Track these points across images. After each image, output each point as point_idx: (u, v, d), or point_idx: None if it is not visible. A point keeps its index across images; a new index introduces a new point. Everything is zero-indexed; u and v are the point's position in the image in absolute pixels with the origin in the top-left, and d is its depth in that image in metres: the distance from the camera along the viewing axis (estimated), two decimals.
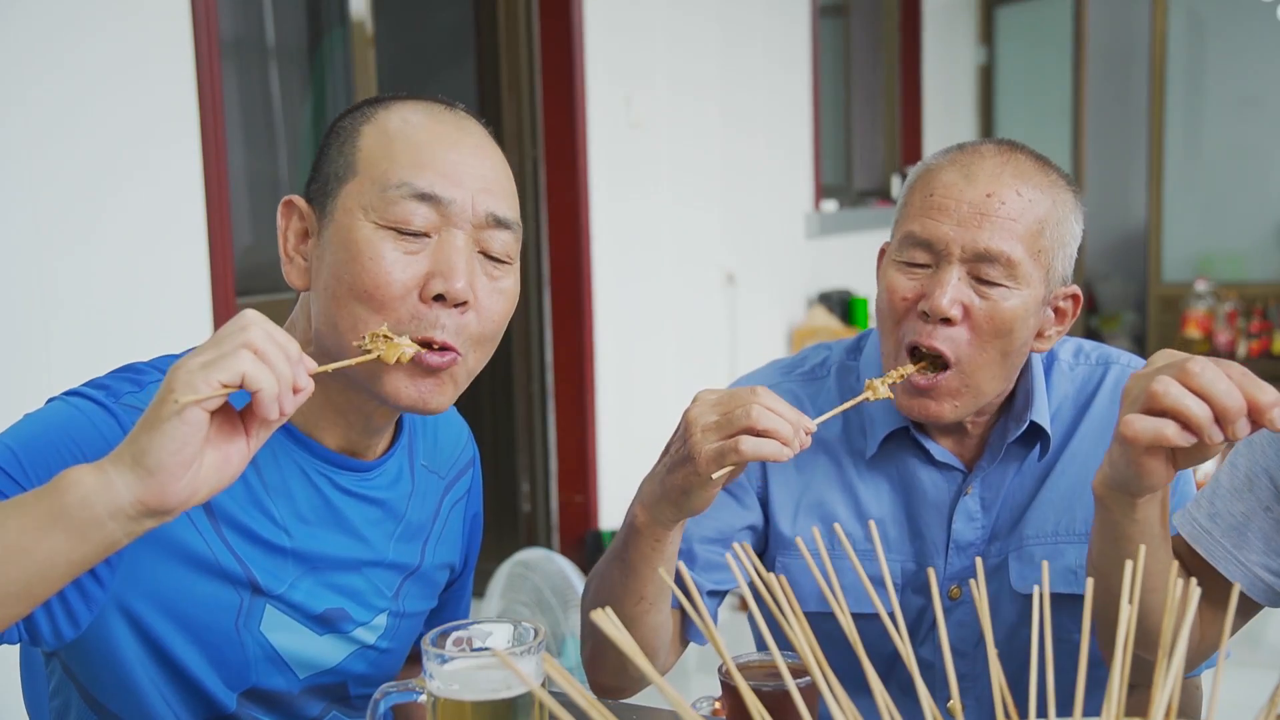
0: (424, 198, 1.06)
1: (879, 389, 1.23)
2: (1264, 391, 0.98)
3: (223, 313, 2.40)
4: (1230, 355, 6.40)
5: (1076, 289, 1.32)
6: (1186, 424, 0.98)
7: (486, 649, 1.02)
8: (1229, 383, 0.98)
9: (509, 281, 1.13)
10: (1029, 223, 1.24)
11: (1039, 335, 1.30)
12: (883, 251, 1.35)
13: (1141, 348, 7.12)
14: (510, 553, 2.96)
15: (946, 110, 7.02)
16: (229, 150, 2.47)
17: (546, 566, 2.55)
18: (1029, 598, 1.31)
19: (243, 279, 2.65)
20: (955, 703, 0.83)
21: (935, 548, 1.35)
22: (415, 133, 1.09)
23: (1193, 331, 6.47)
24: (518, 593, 2.58)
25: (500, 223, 1.10)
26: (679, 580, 1.33)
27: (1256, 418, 0.98)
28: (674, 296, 4.33)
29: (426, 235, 1.07)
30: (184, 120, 2.36)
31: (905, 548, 1.37)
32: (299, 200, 1.13)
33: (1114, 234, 7.86)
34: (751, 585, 1.13)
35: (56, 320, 2.12)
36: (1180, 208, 6.69)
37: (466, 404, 4.52)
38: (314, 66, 3.37)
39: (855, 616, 0.91)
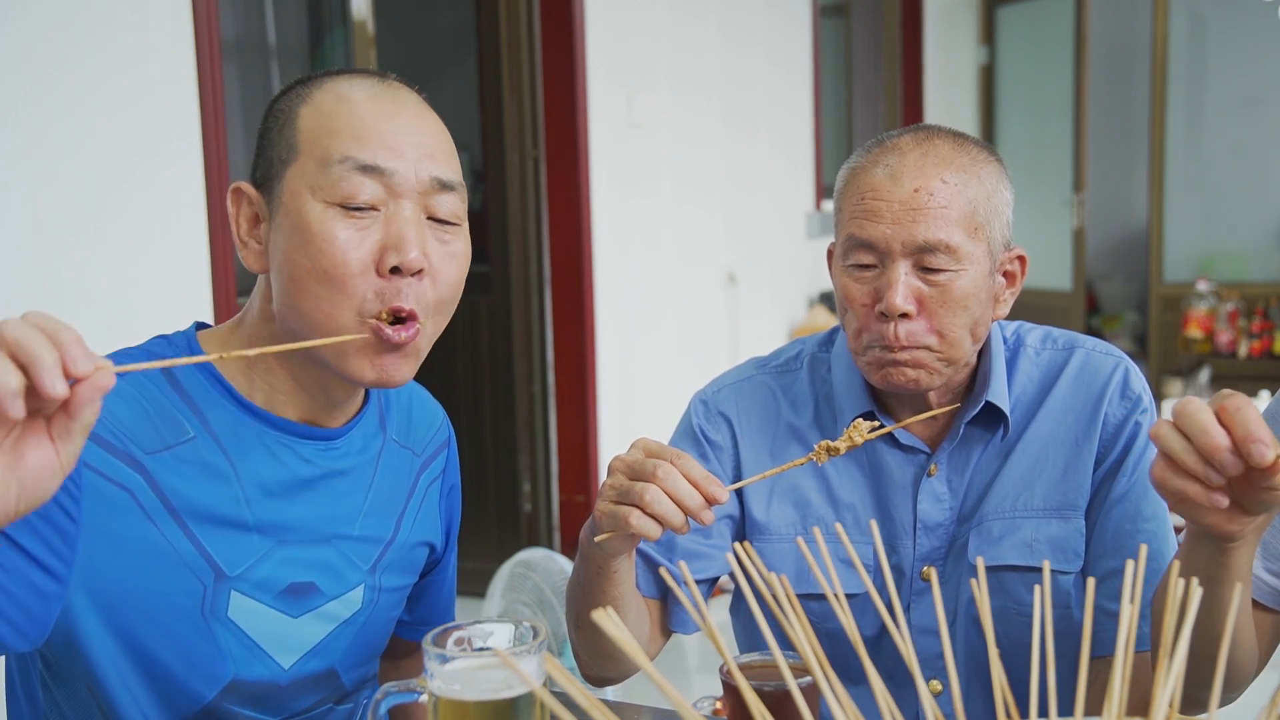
0: (368, 170, 1.07)
1: (823, 455, 1.23)
2: (1245, 426, 0.94)
3: (223, 311, 2.40)
4: (1231, 355, 6.40)
5: (1020, 250, 1.37)
6: (1178, 466, 0.97)
7: (488, 649, 1.03)
8: (1208, 422, 0.95)
9: (460, 244, 1.14)
10: (960, 206, 1.28)
11: (995, 300, 1.35)
12: (831, 252, 1.38)
13: (1143, 347, 7.12)
14: (511, 553, 2.96)
15: (948, 110, 7.02)
16: (230, 150, 2.47)
17: (548, 566, 2.55)
18: (987, 570, 1.34)
19: (243, 277, 2.65)
20: (952, 680, 0.83)
21: (904, 528, 1.39)
22: (352, 107, 1.10)
23: (1194, 331, 6.47)
24: (519, 593, 2.58)
25: (445, 186, 1.11)
26: (675, 575, 1.34)
27: (1239, 449, 0.94)
28: (675, 296, 4.34)
29: (374, 209, 1.08)
30: (185, 120, 2.36)
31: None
32: (246, 187, 1.13)
33: (1115, 234, 7.86)
34: (752, 585, 1.13)
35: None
36: (1181, 208, 6.68)
37: (468, 403, 4.50)
38: (315, 66, 3.37)
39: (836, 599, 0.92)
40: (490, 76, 3.86)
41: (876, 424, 1.26)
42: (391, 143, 1.09)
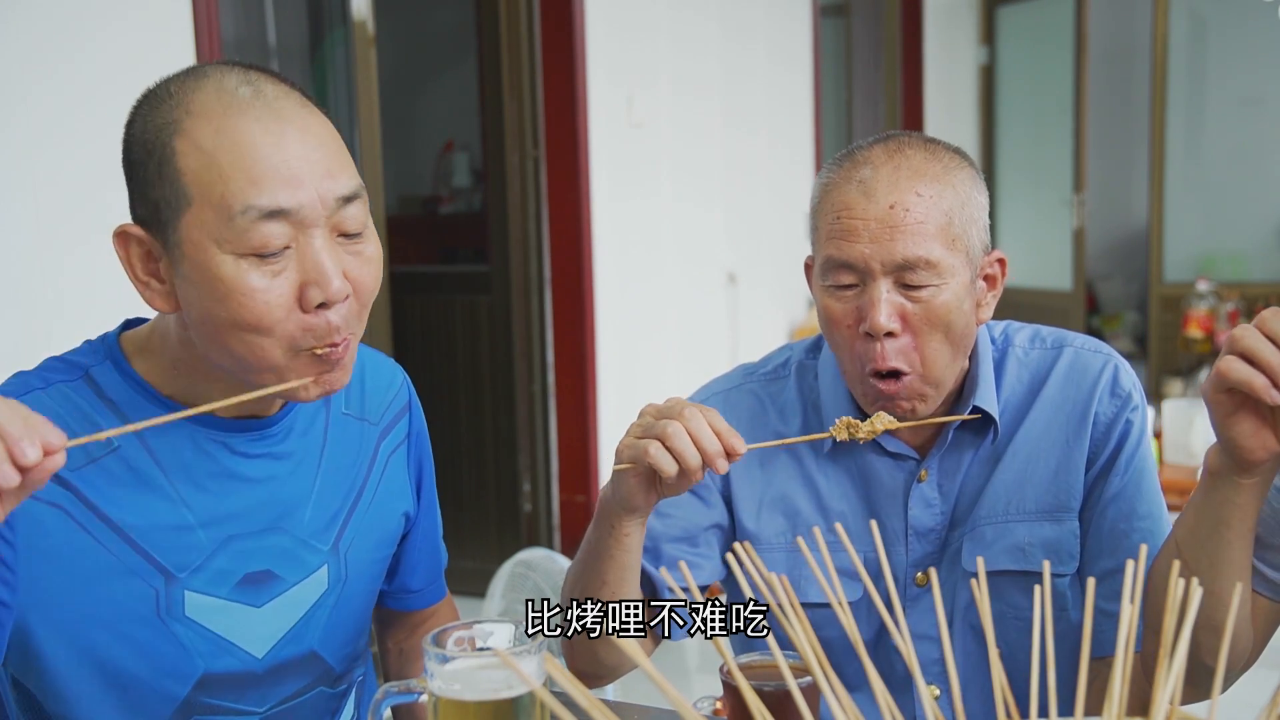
0: (273, 215, 1.01)
1: (842, 430, 1.27)
2: None
3: None
4: None
5: (999, 253, 1.35)
6: (1256, 365, 1.02)
7: (488, 649, 1.03)
8: None
9: (370, 247, 1.09)
10: (937, 219, 1.26)
11: (977, 306, 1.33)
12: (808, 266, 1.37)
13: (1143, 347, 7.12)
14: (512, 553, 2.96)
15: (948, 110, 7.02)
16: None
17: (548, 566, 2.55)
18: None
19: None
20: (952, 684, 0.83)
21: (895, 535, 1.38)
22: (235, 140, 1.01)
23: (1194, 331, 6.46)
24: (519, 592, 2.58)
25: (348, 199, 1.06)
26: (659, 583, 1.34)
27: None
28: (675, 296, 4.34)
29: (287, 247, 1.03)
30: None
31: (867, 538, 1.38)
32: (133, 229, 1.06)
33: (1115, 234, 7.86)
34: (752, 585, 1.13)
35: (59, 321, 2.12)
36: (1182, 208, 6.68)
37: (469, 403, 4.49)
38: (315, 66, 3.37)
39: (828, 607, 0.92)
40: (490, 76, 3.86)
41: (896, 419, 1.26)
42: (288, 174, 1.02)
